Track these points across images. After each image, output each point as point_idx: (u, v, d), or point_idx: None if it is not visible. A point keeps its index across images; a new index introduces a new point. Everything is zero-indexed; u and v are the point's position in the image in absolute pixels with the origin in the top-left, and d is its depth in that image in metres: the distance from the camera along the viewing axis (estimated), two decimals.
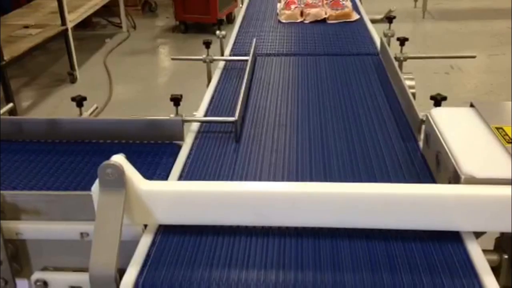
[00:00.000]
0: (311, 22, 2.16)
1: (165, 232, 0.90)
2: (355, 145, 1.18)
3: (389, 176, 1.06)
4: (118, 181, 0.84)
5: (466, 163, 0.90)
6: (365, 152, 1.15)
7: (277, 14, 2.27)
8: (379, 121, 1.30)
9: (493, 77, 4.22)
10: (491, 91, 3.99)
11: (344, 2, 2.25)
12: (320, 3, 2.27)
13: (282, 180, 1.07)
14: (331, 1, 2.25)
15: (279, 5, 2.34)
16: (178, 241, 0.88)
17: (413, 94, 1.38)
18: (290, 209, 0.87)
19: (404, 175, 1.06)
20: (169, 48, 5.45)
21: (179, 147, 1.22)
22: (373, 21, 2.20)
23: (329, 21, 2.16)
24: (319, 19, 2.17)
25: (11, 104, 1.37)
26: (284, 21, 2.20)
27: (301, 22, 2.18)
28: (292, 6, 2.25)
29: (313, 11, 2.18)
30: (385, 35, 1.87)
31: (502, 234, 0.92)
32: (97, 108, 1.52)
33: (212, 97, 1.49)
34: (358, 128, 1.26)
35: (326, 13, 2.18)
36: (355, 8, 2.31)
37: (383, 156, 1.13)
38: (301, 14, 2.20)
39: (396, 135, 1.22)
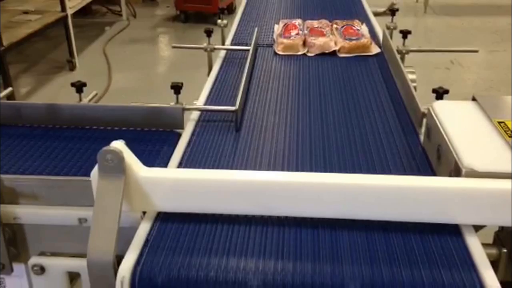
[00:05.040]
0: (316, 55, 1.69)
1: (164, 219, 0.90)
2: (356, 137, 1.18)
3: (389, 168, 1.06)
4: (118, 167, 0.83)
5: (467, 157, 0.89)
6: (365, 144, 1.15)
7: (273, 42, 1.81)
8: (380, 113, 1.29)
9: (494, 73, 4.22)
10: (491, 87, 3.98)
11: (359, 28, 1.78)
12: (328, 29, 1.79)
13: (282, 169, 1.06)
14: (342, 27, 1.79)
15: (276, 28, 1.88)
16: (176, 229, 0.87)
17: (415, 88, 1.37)
18: (290, 198, 0.86)
19: (404, 167, 1.06)
20: (169, 38, 5.43)
21: (179, 135, 1.21)
22: (376, 14, 2.18)
23: (340, 54, 1.68)
24: (326, 52, 1.69)
25: (10, 89, 1.36)
26: (281, 53, 1.71)
27: (303, 55, 1.71)
28: (293, 32, 1.77)
29: (319, 41, 1.70)
30: (388, 27, 1.86)
31: (502, 228, 0.92)
32: (96, 94, 1.51)
33: (213, 86, 1.49)
34: (359, 120, 1.25)
35: (336, 44, 1.70)
36: (374, 35, 1.83)
37: (383, 149, 1.13)
38: (304, 44, 1.73)
39: (397, 127, 1.22)
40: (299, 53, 1.70)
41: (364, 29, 1.79)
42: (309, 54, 1.69)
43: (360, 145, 1.14)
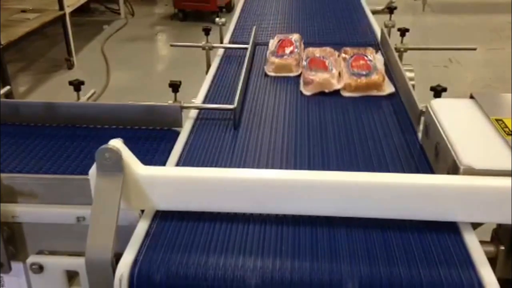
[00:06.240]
0: (314, 95, 1.38)
1: (162, 217, 0.90)
2: (354, 135, 1.18)
3: (387, 166, 1.06)
4: (116, 165, 0.83)
5: (465, 154, 0.90)
6: (363, 142, 1.15)
7: (266, 60, 1.59)
8: (378, 111, 1.29)
9: (492, 71, 4.22)
10: (489, 85, 3.99)
11: (371, 59, 1.45)
12: (332, 59, 1.48)
13: (280, 167, 1.06)
14: (352, 57, 1.46)
15: (271, 44, 1.65)
16: (175, 227, 0.87)
17: (413, 86, 1.37)
18: (288, 196, 0.86)
19: (402, 165, 1.06)
20: (167, 36, 5.43)
21: (177, 134, 1.21)
22: (374, 12, 2.18)
23: (345, 94, 1.37)
24: (327, 91, 1.38)
25: (8, 87, 1.35)
26: (272, 74, 1.51)
27: (297, 76, 1.48)
28: (287, 50, 1.55)
29: (318, 77, 1.38)
30: (386, 25, 1.86)
31: (499, 225, 0.92)
32: (94, 93, 1.51)
33: (211, 84, 1.49)
34: (357, 118, 1.25)
35: (339, 82, 1.39)
36: (388, 71, 1.47)
37: (381, 146, 1.13)
38: (298, 64, 1.52)
39: (395, 125, 1.22)
40: (292, 74, 1.49)
41: (378, 59, 1.49)
42: (304, 93, 1.39)
43: (358, 143, 1.14)
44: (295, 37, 1.64)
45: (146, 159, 1.02)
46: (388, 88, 1.37)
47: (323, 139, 1.16)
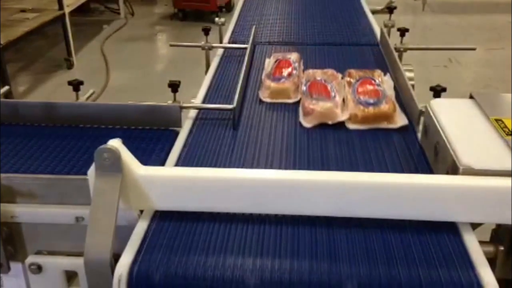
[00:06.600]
0: (315, 127, 1.20)
1: (161, 217, 0.89)
2: (353, 135, 1.17)
3: (387, 166, 1.06)
4: (115, 165, 0.83)
5: (465, 154, 0.90)
6: (363, 141, 1.14)
7: (260, 83, 1.44)
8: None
9: (492, 71, 4.22)
10: (489, 85, 3.99)
11: (379, 83, 1.28)
12: (335, 83, 1.30)
13: (279, 167, 1.06)
14: (358, 81, 1.29)
15: (266, 64, 1.49)
16: (174, 227, 0.87)
17: (412, 86, 1.37)
18: (287, 197, 0.86)
19: (402, 165, 1.06)
20: (166, 36, 5.43)
21: (176, 134, 1.21)
22: (374, 12, 2.17)
23: (350, 126, 1.19)
24: (330, 122, 1.20)
25: (7, 87, 1.35)
26: (267, 100, 1.34)
27: (295, 103, 1.31)
28: (285, 72, 1.38)
29: (320, 107, 1.20)
30: (386, 25, 1.86)
31: (499, 225, 0.92)
32: (93, 93, 1.51)
33: (210, 84, 1.49)
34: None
35: (343, 111, 1.21)
36: (400, 101, 1.29)
37: (381, 147, 1.13)
38: (297, 89, 1.34)
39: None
40: (290, 101, 1.32)
41: (387, 83, 1.30)
42: (304, 124, 1.21)
43: (357, 143, 1.14)
44: (293, 57, 1.47)
45: (145, 159, 1.02)
46: (400, 120, 1.19)
47: (323, 139, 1.16)
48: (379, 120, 1.18)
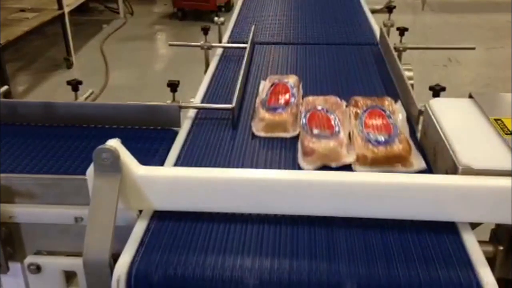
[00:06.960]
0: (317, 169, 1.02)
1: (160, 218, 0.89)
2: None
3: None
4: (113, 165, 0.83)
5: (464, 154, 0.89)
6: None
7: (253, 112, 1.26)
8: None
9: (491, 71, 4.22)
10: (488, 84, 3.99)
11: (389, 114, 1.10)
12: (338, 112, 1.13)
13: (279, 167, 1.06)
14: (365, 111, 1.11)
15: (261, 89, 1.33)
16: (173, 227, 0.87)
17: (412, 85, 1.37)
18: (286, 196, 0.86)
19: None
20: (166, 35, 5.42)
21: (175, 133, 1.21)
22: (373, 11, 2.17)
23: (358, 170, 1.01)
24: (334, 165, 1.02)
25: (6, 86, 1.35)
26: (261, 134, 1.16)
27: (293, 137, 1.13)
28: (281, 100, 1.19)
29: (322, 147, 1.02)
30: (385, 25, 1.85)
31: (498, 225, 0.92)
32: (92, 93, 1.51)
33: (210, 84, 1.48)
34: None
35: (349, 150, 1.03)
36: (416, 140, 1.12)
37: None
38: (295, 121, 1.15)
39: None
40: (288, 135, 1.14)
41: (398, 114, 1.13)
42: (304, 166, 1.03)
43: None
44: (291, 80, 1.28)
45: (144, 159, 1.02)
46: (417, 162, 1.01)
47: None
48: (391, 162, 1.00)
